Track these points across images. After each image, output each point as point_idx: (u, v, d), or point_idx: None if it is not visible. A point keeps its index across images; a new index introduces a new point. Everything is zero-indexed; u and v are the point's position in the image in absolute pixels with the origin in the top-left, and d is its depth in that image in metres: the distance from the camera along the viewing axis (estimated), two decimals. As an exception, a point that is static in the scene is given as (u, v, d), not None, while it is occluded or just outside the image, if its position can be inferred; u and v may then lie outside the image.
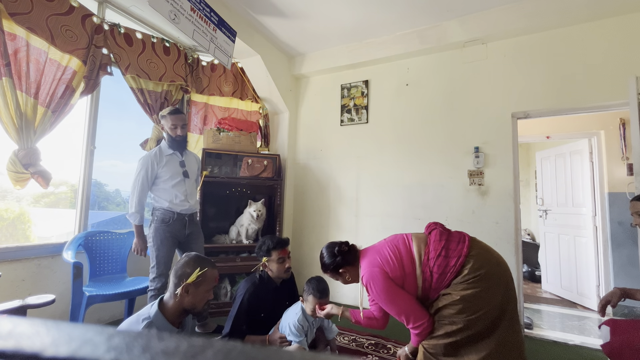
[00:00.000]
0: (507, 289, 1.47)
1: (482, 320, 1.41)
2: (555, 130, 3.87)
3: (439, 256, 1.49)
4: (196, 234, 2.44)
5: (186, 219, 2.34)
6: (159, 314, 1.30)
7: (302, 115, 3.82)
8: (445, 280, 1.47)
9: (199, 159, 2.64)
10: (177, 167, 2.34)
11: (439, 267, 1.48)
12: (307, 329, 1.85)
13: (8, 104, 1.99)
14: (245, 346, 0.22)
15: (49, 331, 0.22)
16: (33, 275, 2.17)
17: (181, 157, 2.38)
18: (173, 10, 2.09)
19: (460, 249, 1.49)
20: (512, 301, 1.47)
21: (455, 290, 1.44)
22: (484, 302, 1.41)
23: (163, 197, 2.28)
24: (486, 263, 1.46)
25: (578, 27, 2.60)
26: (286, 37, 3.31)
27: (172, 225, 2.27)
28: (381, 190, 3.24)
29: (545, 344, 2.43)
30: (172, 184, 2.29)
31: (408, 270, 1.53)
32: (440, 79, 3.09)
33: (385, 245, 1.63)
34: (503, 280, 1.47)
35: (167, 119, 2.31)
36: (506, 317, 1.44)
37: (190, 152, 2.51)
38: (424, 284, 1.52)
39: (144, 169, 2.23)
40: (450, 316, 1.44)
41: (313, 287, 1.84)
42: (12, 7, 2.01)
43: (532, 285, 4.29)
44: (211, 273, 1.38)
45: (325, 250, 1.74)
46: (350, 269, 1.69)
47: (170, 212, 2.27)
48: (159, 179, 2.28)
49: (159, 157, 2.28)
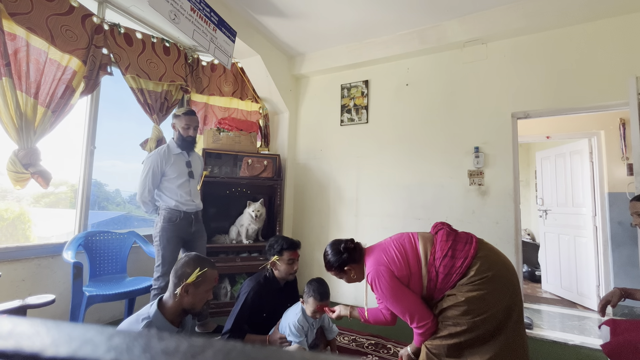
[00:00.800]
0: (514, 292, 1.46)
1: (487, 323, 1.40)
2: (555, 130, 3.87)
3: (445, 256, 1.48)
4: (201, 232, 2.47)
5: (192, 217, 2.37)
6: (158, 314, 1.30)
7: (302, 115, 3.82)
8: (450, 281, 1.46)
9: (203, 161, 2.66)
10: (183, 167, 2.36)
11: (445, 268, 1.47)
12: (307, 330, 1.85)
13: (8, 104, 1.99)
14: (245, 346, 0.22)
15: (49, 331, 0.22)
16: (33, 275, 2.17)
17: (187, 157, 2.41)
18: (173, 10, 2.09)
19: (467, 250, 1.48)
20: (518, 304, 1.46)
21: (461, 292, 1.43)
22: (490, 305, 1.40)
23: (169, 196, 2.30)
24: (493, 265, 1.45)
25: (578, 27, 2.61)
26: (286, 37, 3.31)
27: (178, 224, 2.29)
28: (381, 190, 3.24)
29: (545, 344, 2.43)
30: (178, 183, 2.31)
31: (414, 270, 1.52)
32: (440, 79, 3.09)
33: (391, 244, 1.62)
34: (510, 284, 1.46)
35: (182, 118, 2.34)
36: (512, 320, 1.42)
37: (195, 153, 2.54)
38: (429, 284, 1.51)
39: (153, 166, 2.25)
40: (455, 317, 1.43)
41: (314, 289, 1.83)
42: (12, 7, 2.01)
43: (532, 285, 4.29)
44: (211, 273, 1.38)
45: (329, 248, 1.71)
46: (355, 267, 1.66)
47: (176, 211, 2.29)
48: (165, 177, 2.30)
49: (167, 155, 2.31)
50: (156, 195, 2.32)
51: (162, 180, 2.30)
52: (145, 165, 2.27)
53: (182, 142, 2.36)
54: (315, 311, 1.82)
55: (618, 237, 3.35)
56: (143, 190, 2.26)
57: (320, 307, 1.81)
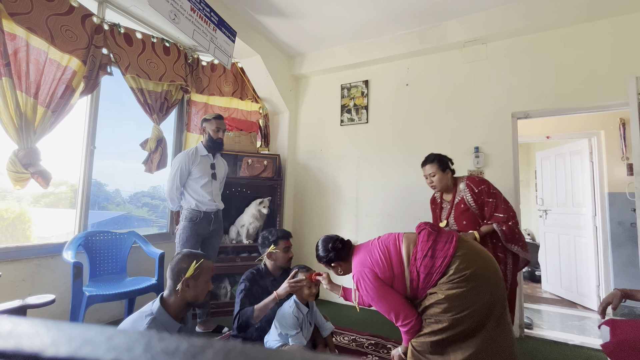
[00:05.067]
0: (495, 288, 1.48)
1: (468, 319, 1.43)
2: (555, 130, 3.87)
3: (425, 256, 1.53)
4: (218, 230, 2.62)
5: (212, 217, 2.53)
6: (161, 310, 1.32)
7: (302, 115, 3.82)
8: (431, 280, 1.50)
9: (226, 164, 2.79)
10: (208, 168, 2.54)
11: (425, 268, 1.51)
12: (302, 322, 1.87)
13: (8, 104, 1.99)
14: (245, 346, 0.22)
15: (49, 331, 0.22)
16: (33, 275, 2.17)
17: (213, 160, 2.58)
18: (173, 10, 2.09)
19: (447, 250, 1.51)
20: (500, 300, 1.49)
21: (441, 290, 1.47)
22: (470, 302, 1.43)
23: (192, 196, 2.47)
24: (472, 263, 1.48)
25: (578, 27, 2.61)
26: (286, 37, 3.31)
27: (198, 223, 2.45)
28: (381, 190, 3.24)
29: (545, 344, 2.43)
30: (202, 183, 2.47)
31: (397, 272, 1.57)
32: (440, 79, 3.09)
33: (376, 246, 1.67)
34: (491, 281, 1.48)
35: (212, 122, 2.53)
36: (493, 315, 1.46)
37: (220, 157, 2.69)
38: (412, 284, 1.55)
39: (181, 165, 2.43)
40: (436, 315, 1.47)
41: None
42: (12, 7, 2.01)
43: (532, 285, 4.29)
44: (206, 264, 1.42)
45: (320, 244, 1.82)
46: (342, 264, 1.77)
47: (197, 211, 2.45)
48: (190, 177, 2.47)
49: (195, 156, 2.48)
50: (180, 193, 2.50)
51: (188, 179, 2.47)
52: (174, 164, 2.46)
53: (213, 144, 2.53)
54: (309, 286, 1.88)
55: (618, 237, 3.35)
56: (172, 187, 2.44)
57: (311, 276, 1.89)
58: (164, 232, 3.20)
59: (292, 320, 1.82)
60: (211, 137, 2.52)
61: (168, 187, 2.47)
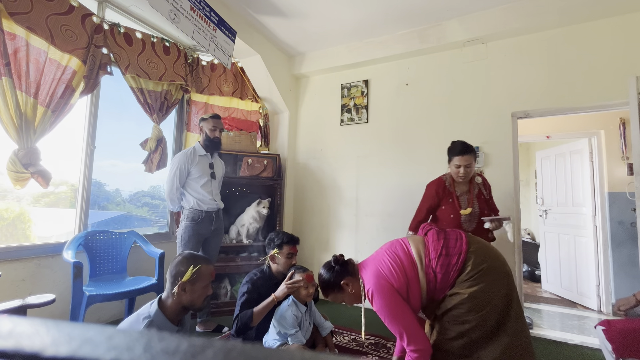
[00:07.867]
0: (509, 280, 1.50)
1: (492, 314, 1.42)
2: (555, 130, 3.87)
3: (440, 255, 1.49)
4: (219, 230, 2.62)
5: (213, 216, 2.54)
6: (159, 313, 1.31)
7: (302, 115, 3.82)
8: (449, 279, 1.47)
9: (224, 164, 2.78)
10: (207, 168, 2.53)
11: (442, 267, 1.48)
12: (301, 321, 1.87)
13: (8, 103, 1.99)
14: (245, 345, 0.22)
15: (49, 331, 0.22)
16: (33, 275, 2.17)
17: (211, 159, 2.58)
18: (173, 9, 2.09)
19: (459, 246, 1.50)
20: (514, 291, 1.50)
21: (462, 289, 1.44)
22: (491, 296, 1.43)
23: (192, 196, 2.46)
24: (486, 257, 1.49)
25: (578, 26, 2.60)
26: (286, 37, 3.31)
27: (200, 223, 2.45)
28: (381, 190, 3.24)
29: (545, 344, 2.43)
30: (201, 183, 2.47)
31: (410, 276, 1.50)
32: (440, 79, 3.09)
33: (384, 255, 1.59)
34: (505, 272, 1.50)
35: (209, 121, 2.53)
36: (512, 308, 1.46)
37: (218, 156, 2.68)
38: (429, 286, 1.50)
39: (180, 165, 2.42)
40: (461, 315, 1.43)
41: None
42: (12, 6, 2.01)
43: (532, 285, 4.29)
44: (206, 269, 1.39)
45: (322, 269, 1.69)
46: (352, 280, 1.61)
47: (198, 210, 2.45)
48: (189, 177, 2.47)
49: (193, 155, 2.48)
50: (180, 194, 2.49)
51: (187, 179, 2.47)
52: (173, 165, 2.45)
53: (210, 143, 2.52)
54: (306, 287, 1.87)
55: (618, 237, 3.35)
56: (171, 188, 2.43)
57: (307, 276, 1.88)
58: (164, 232, 3.20)
59: (291, 319, 1.82)
60: (208, 136, 2.51)
61: (167, 188, 2.45)
